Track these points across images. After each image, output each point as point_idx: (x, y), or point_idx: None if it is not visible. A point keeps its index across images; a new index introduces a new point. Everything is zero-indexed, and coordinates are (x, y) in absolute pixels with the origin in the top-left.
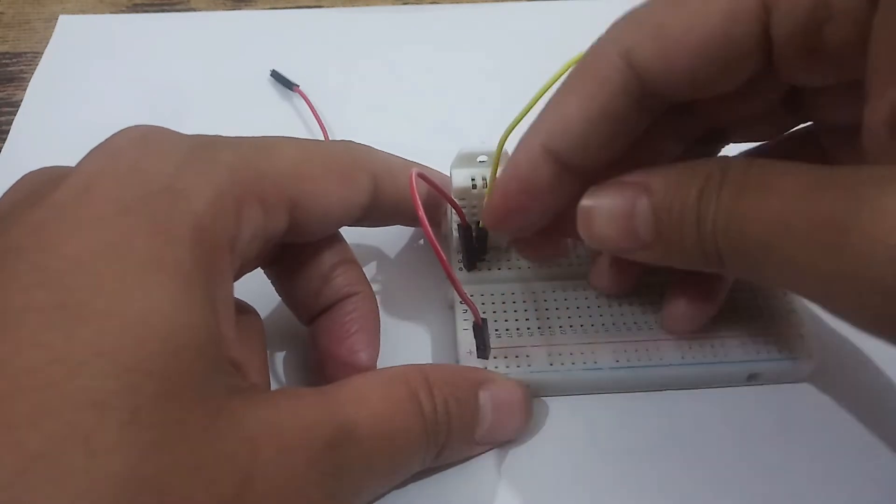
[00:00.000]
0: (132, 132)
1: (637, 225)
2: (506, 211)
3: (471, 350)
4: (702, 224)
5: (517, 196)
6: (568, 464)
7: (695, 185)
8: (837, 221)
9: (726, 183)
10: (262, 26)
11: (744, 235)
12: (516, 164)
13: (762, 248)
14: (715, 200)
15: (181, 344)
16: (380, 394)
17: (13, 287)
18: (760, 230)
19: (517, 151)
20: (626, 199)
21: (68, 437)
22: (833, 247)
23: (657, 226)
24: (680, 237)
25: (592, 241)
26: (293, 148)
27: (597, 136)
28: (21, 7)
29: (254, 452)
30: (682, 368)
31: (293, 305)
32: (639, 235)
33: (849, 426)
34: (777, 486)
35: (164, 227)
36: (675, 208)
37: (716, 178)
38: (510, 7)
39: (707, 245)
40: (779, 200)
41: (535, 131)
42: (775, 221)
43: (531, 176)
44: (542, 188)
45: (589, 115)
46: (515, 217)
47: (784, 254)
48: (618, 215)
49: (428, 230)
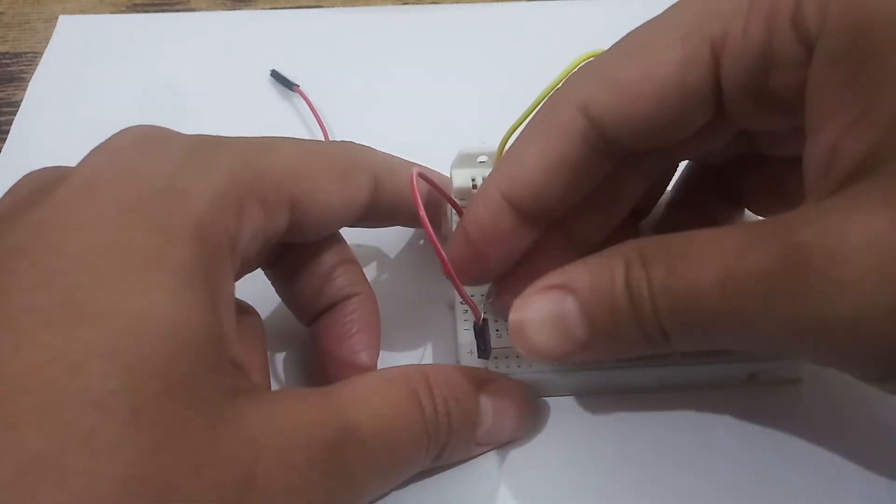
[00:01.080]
0: (133, 132)
1: (570, 327)
2: (466, 258)
3: (471, 350)
4: (637, 309)
5: (477, 243)
6: (568, 464)
7: (618, 275)
8: (790, 270)
9: (650, 263)
10: (262, 26)
11: (690, 309)
12: (476, 213)
13: (712, 316)
14: (645, 283)
15: (182, 344)
16: (381, 394)
17: (14, 287)
18: (708, 300)
19: (477, 199)
20: (552, 305)
21: (69, 437)
22: (791, 295)
23: (590, 323)
24: (616, 329)
25: (531, 354)
26: (293, 148)
27: (556, 184)
28: (21, 7)
29: (255, 452)
30: (683, 368)
31: (293, 306)
32: (575, 337)
33: (848, 426)
34: (777, 486)
35: (164, 226)
36: (604, 301)
37: (635, 261)
38: (510, 7)
39: (649, 328)
40: (719, 265)
41: (495, 180)
42: (722, 286)
43: (491, 223)
44: (502, 235)
45: (548, 164)
46: (475, 264)
47: (738, 315)
48: (549, 322)
49: (428, 229)
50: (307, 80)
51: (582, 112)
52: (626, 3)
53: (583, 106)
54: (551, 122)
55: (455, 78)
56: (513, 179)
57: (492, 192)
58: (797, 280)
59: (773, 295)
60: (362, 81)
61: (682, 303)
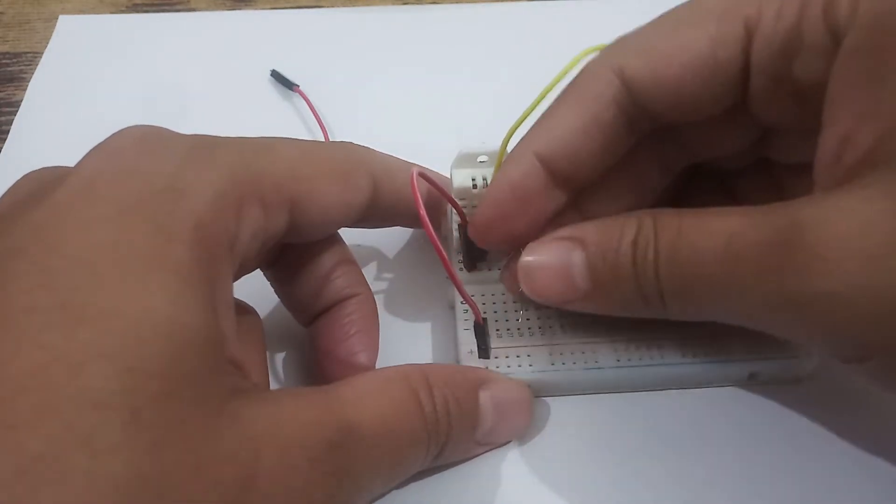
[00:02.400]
0: (132, 132)
1: (574, 277)
2: (496, 218)
3: (472, 350)
4: (639, 269)
5: (508, 203)
6: (569, 463)
7: (627, 234)
8: (784, 244)
9: (661, 228)
10: (262, 26)
11: (688, 274)
12: (508, 172)
13: (708, 283)
14: (652, 245)
15: (182, 344)
16: (381, 393)
17: (14, 287)
18: (707, 266)
19: (509, 160)
20: (562, 254)
21: (69, 437)
22: (781, 268)
23: (593, 276)
24: (616, 285)
25: (534, 295)
26: (293, 148)
27: (588, 146)
28: (21, 7)
29: (255, 452)
30: (683, 367)
31: (292, 307)
32: (577, 287)
33: (848, 426)
34: (777, 486)
35: (164, 226)
36: (608, 258)
37: (647, 225)
38: (510, 7)
39: (647, 289)
40: (722, 235)
41: (528, 140)
42: (722, 255)
43: (523, 183)
44: (532, 195)
45: (582, 125)
46: (504, 225)
47: (732, 284)
48: (555, 269)
49: (429, 228)
50: (307, 80)
51: (617, 75)
52: (626, 3)
53: (618, 69)
54: (586, 84)
55: (455, 78)
56: (547, 139)
57: (525, 152)
58: (789, 254)
59: (766, 266)
60: (362, 81)
61: (683, 266)
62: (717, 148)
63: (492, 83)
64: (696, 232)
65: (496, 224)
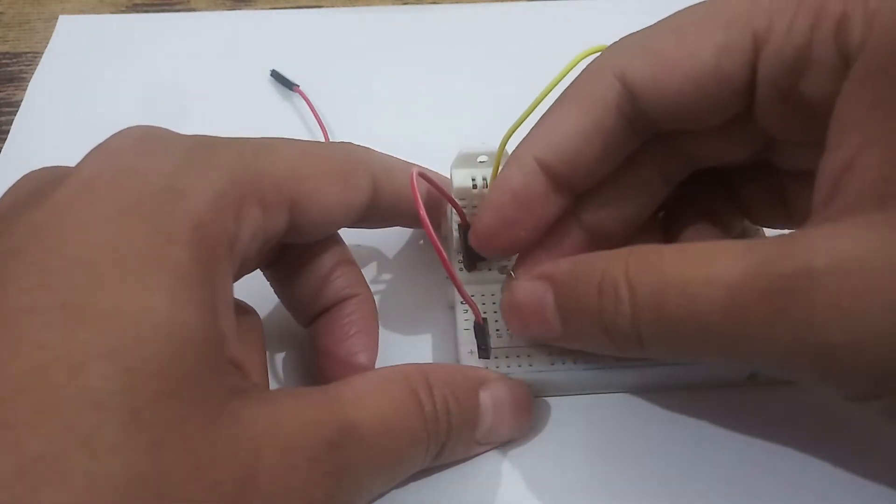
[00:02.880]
0: (132, 132)
1: (548, 318)
2: (497, 225)
3: (472, 350)
4: (606, 316)
5: (509, 210)
6: (569, 463)
7: (593, 278)
8: (794, 294)
9: (639, 272)
10: (262, 26)
11: (680, 323)
12: (508, 178)
13: (707, 334)
14: (625, 290)
15: (181, 344)
16: (381, 393)
17: (14, 287)
18: (706, 318)
19: (509, 165)
20: (535, 294)
21: (69, 437)
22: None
23: (562, 318)
24: (584, 329)
25: (515, 334)
26: (292, 149)
27: (589, 151)
28: (21, 7)
29: (255, 452)
30: (683, 367)
31: (292, 307)
32: (552, 328)
33: (848, 426)
34: (777, 486)
35: (163, 227)
36: (574, 302)
37: (616, 268)
38: (510, 7)
39: (618, 335)
40: (721, 284)
41: (528, 144)
42: (724, 307)
43: (524, 188)
44: (533, 201)
45: (582, 129)
46: (505, 232)
47: (737, 336)
48: (530, 309)
49: (429, 228)
50: (307, 80)
51: (619, 79)
52: (627, 3)
53: (620, 73)
54: (588, 87)
55: (455, 78)
56: (546, 143)
57: (525, 157)
58: (802, 306)
59: (776, 318)
60: (362, 81)
61: (673, 316)
62: (720, 156)
63: (492, 83)
64: (687, 280)
65: (497, 231)
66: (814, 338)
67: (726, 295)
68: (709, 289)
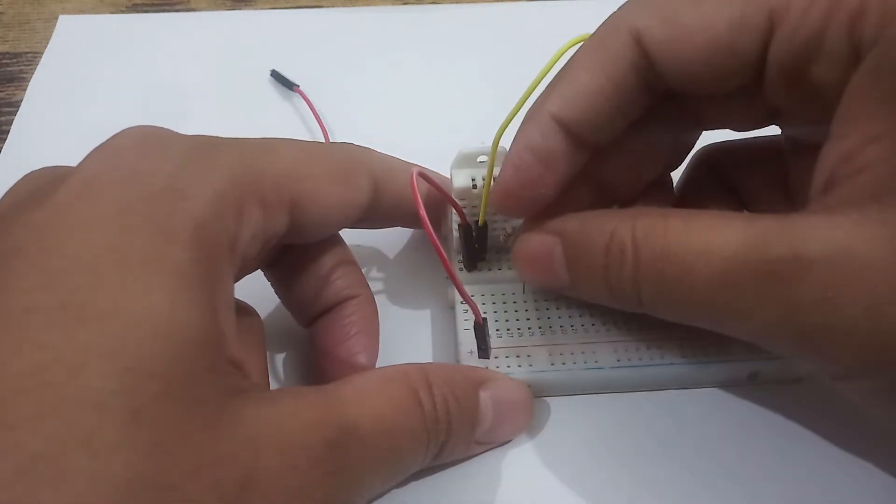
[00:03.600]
0: (133, 133)
1: (557, 269)
2: (519, 183)
3: (472, 350)
4: (611, 275)
5: (530, 167)
6: (569, 463)
7: (601, 238)
8: (787, 278)
9: (643, 237)
10: (262, 26)
11: (677, 291)
12: (527, 135)
13: (700, 304)
14: (630, 254)
15: (182, 344)
16: (380, 392)
17: (14, 288)
18: (700, 290)
19: (526, 123)
20: (545, 245)
21: (69, 437)
22: (787, 301)
23: (570, 270)
24: (590, 283)
25: (528, 282)
26: (293, 149)
27: (604, 105)
28: (21, 7)
29: (255, 452)
30: (683, 367)
31: (292, 308)
32: (560, 278)
33: (848, 425)
34: (778, 486)
35: (164, 227)
36: (581, 258)
37: (624, 231)
38: (510, 7)
39: (620, 294)
40: (717, 258)
41: (544, 101)
42: (719, 281)
43: (543, 145)
44: (553, 156)
45: (598, 84)
46: (527, 190)
47: (727, 309)
48: (541, 260)
49: (429, 228)
50: (307, 80)
51: (634, 38)
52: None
53: (636, 34)
54: (603, 44)
55: (455, 78)
56: (563, 99)
57: (542, 114)
58: (794, 289)
59: (768, 298)
60: (362, 81)
61: (671, 284)
62: (728, 121)
63: (492, 83)
64: (688, 249)
65: (519, 190)
66: (798, 320)
67: (722, 268)
68: (706, 259)
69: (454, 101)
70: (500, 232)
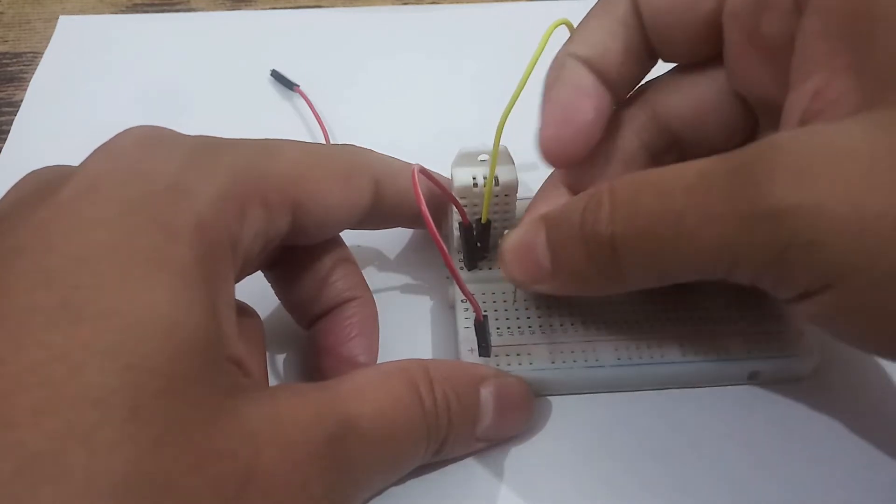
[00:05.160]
0: (136, 132)
1: (538, 257)
2: (561, 122)
3: (472, 348)
4: (587, 228)
5: (570, 110)
6: (569, 462)
7: (579, 203)
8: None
9: (620, 185)
10: (262, 26)
11: (648, 214)
12: (561, 75)
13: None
14: (607, 203)
15: (182, 342)
16: (381, 388)
17: (16, 286)
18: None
19: (554, 68)
20: (528, 235)
21: (69, 434)
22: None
23: (551, 250)
24: (567, 252)
25: (509, 279)
26: (295, 150)
27: (616, 47)
28: (21, 7)
29: (255, 448)
30: (684, 366)
31: (292, 309)
32: (542, 267)
33: (850, 424)
34: (778, 486)
35: (166, 226)
36: (561, 228)
37: (602, 190)
38: (510, 7)
39: (596, 247)
40: (692, 170)
41: (564, 49)
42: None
43: (578, 80)
44: (589, 89)
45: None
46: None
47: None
48: (524, 249)
49: (430, 222)
50: (307, 80)
51: (633, 6)
52: None
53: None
54: (607, 8)
55: (455, 78)
56: (580, 43)
57: (565, 58)
58: (763, 170)
59: (738, 187)
60: (362, 81)
61: (644, 208)
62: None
63: (492, 83)
64: (663, 175)
65: (563, 130)
66: (769, 201)
67: (695, 176)
68: (681, 174)
69: (454, 100)
70: (500, 231)
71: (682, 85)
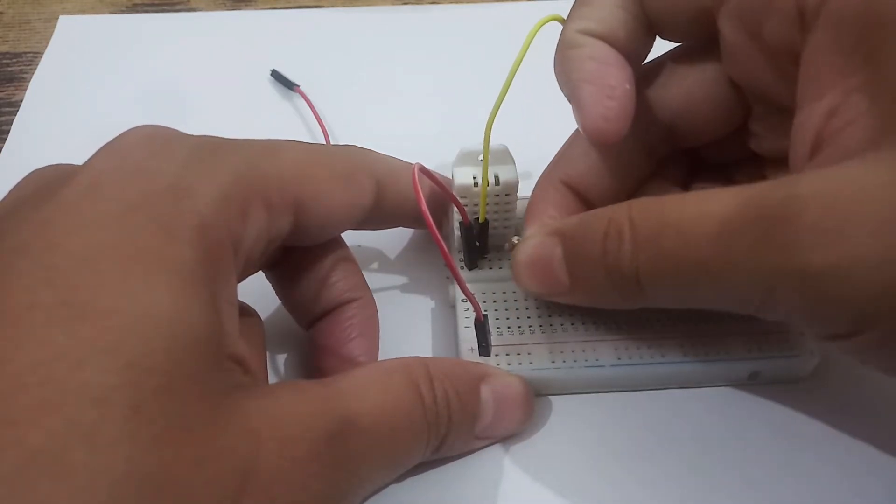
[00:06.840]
0: (139, 132)
1: (556, 272)
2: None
3: (472, 347)
4: (609, 259)
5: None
6: (569, 462)
7: (599, 227)
8: (781, 220)
9: (640, 216)
10: (262, 26)
11: (674, 257)
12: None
13: (698, 266)
14: (628, 234)
15: (183, 340)
16: (381, 385)
17: (18, 285)
18: (698, 250)
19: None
20: (545, 248)
21: (70, 432)
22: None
23: (570, 269)
24: (589, 277)
25: (526, 290)
26: (297, 151)
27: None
28: (21, 7)
29: (256, 445)
30: (684, 366)
31: (293, 309)
32: (560, 282)
33: (850, 424)
34: (777, 486)
35: (167, 226)
36: (580, 251)
37: (621, 215)
38: (510, 7)
39: (618, 278)
40: (714, 218)
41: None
42: (715, 237)
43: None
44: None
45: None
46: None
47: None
48: (541, 264)
49: (430, 221)
50: (307, 80)
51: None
52: None
53: None
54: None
55: (455, 78)
56: (585, 19)
57: (581, 37)
58: (788, 230)
59: (764, 244)
60: (362, 81)
61: (669, 251)
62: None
63: (492, 83)
64: (683, 217)
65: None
66: (798, 261)
67: (717, 225)
68: (702, 222)
69: (454, 100)
70: (500, 230)
71: (672, 77)
